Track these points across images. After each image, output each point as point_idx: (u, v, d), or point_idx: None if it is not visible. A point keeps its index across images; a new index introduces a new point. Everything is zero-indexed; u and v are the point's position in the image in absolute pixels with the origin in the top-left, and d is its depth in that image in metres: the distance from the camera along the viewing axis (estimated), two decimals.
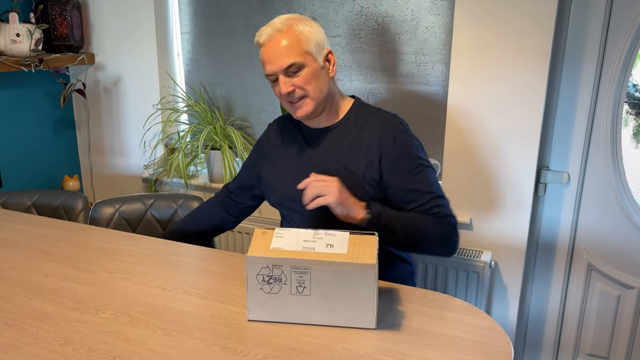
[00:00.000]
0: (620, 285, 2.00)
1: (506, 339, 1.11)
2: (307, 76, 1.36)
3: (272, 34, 1.36)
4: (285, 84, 1.36)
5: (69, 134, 2.71)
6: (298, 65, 1.35)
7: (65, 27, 2.40)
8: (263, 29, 1.38)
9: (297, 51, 1.35)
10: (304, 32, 1.37)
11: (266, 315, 1.15)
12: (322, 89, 1.39)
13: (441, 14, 2.00)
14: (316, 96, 1.39)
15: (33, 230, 1.66)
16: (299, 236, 1.14)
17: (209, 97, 2.53)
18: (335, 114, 1.47)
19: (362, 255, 1.09)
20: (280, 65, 1.35)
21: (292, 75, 1.36)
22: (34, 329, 1.13)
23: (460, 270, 1.97)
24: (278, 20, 1.38)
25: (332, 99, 1.45)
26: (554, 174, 1.99)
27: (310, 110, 1.40)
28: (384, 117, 1.45)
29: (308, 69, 1.36)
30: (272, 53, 1.35)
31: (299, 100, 1.39)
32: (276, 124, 1.60)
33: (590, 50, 1.84)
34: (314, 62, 1.37)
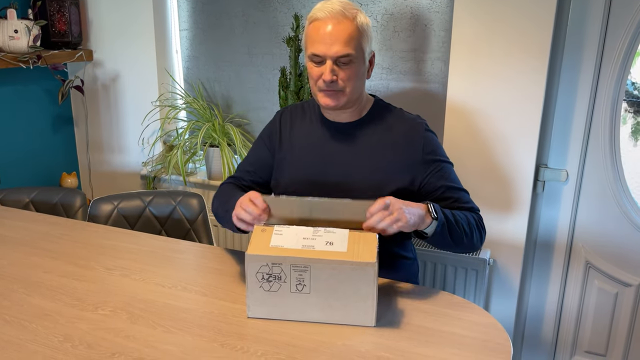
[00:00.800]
0: (618, 282, 2.00)
1: (505, 336, 1.11)
2: (352, 72, 1.33)
3: (336, 15, 1.28)
4: (331, 71, 1.31)
5: (67, 131, 2.71)
6: (351, 58, 1.31)
7: (63, 24, 2.39)
8: (323, 6, 1.30)
9: (355, 44, 1.30)
10: (365, 25, 1.32)
11: (266, 313, 1.15)
12: (358, 89, 1.38)
13: (440, 11, 2.00)
14: (352, 95, 1.36)
15: (31, 227, 1.66)
16: (298, 234, 1.14)
17: (207, 94, 2.53)
18: (358, 111, 1.45)
19: (361, 253, 1.09)
20: (336, 52, 1.29)
21: (339, 65, 1.32)
22: (34, 326, 1.13)
23: (459, 267, 1.97)
24: (339, 4, 1.30)
25: (360, 99, 1.43)
26: (553, 172, 1.99)
27: (340, 105, 1.37)
28: (408, 118, 1.46)
29: (356, 66, 1.33)
30: (329, 35, 1.28)
31: (334, 92, 1.35)
32: (289, 112, 1.54)
33: (589, 48, 1.85)
34: (363, 60, 1.35)
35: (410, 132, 1.42)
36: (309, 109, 1.52)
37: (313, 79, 1.36)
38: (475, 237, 1.35)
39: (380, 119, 1.45)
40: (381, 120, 1.45)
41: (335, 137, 1.46)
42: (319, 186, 1.43)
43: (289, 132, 1.51)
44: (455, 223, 1.29)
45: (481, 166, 1.95)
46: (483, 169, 1.95)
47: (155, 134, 2.54)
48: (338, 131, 1.46)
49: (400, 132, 1.42)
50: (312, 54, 1.33)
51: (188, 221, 1.95)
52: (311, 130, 1.48)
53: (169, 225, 1.96)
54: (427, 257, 2.02)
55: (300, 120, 1.50)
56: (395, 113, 1.47)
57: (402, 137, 1.41)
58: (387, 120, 1.45)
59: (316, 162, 1.45)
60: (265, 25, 2.30)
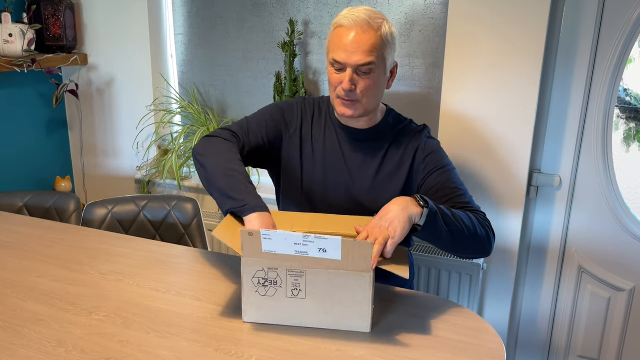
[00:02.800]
0: (610, 287, 2.01)
1: (499, 340, 1.11)
2: (372, 83, 1.31)
3: (361, 24, 1.27)
4: (351, 80, 1.30)
5: (62, 135, 2.70)
6: (372, 67, 1.29)
7: (58, 28, 2.39)
8: (349, 13, 1.29)
9: (377, 54, 1.29)
10: (389, 36, 1.31)
11: (261, 318, 1.15)
12: (377, 100, 1.37)
13: (435, 17, 2.01)
14: (369, 105, 1.36)
15: (25, 232, 1.65)
16: (288, 239, 1.11)
17: (202, 99, 2.53)
18: (371, 120, 1.45)
19: (356, 259, 1.09)
20: (357, 61, 1.28)
21: (359, 75, 1.30)
22: (26, 331, 1.13)
23: (453, 272, 1.98)
24: (365, 12, 1.28)
25: (377, 110, 1.44)
26: (546, 177, 2.00)
27: (358, 114, 1.36)
28: (415, 129, 1.47)
29: (377, 76, 1.32)
30: (353, 43, 1.27)
31: (351, 102, 1.33)
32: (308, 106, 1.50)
33: (582, 54, 1.86)
34: (384, 71, 1.34)
35: (415, 141, 1.45)
36: (325, 108, 1.50)
37: (332, 85, 1.35)
38: (480, 233, 1.27)
39: (391, 129, 1.46)
40: (392, 130, 1.46)
41: (348, 141, 1.46)
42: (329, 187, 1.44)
43: (309, 123, 1.48)
44: (452, 215, 1.23)
45: (475, 171, 1.96)
46: (477, 174, 1.96)
47: (150, 138, 2.54)
48: (351, 136, 1.46)
49: (407, 143, 1.44)
50: (333, 59, 1.32)
51: (182, 226, 1.95)
52: (326, 130, 1.48)
53: (163, 229, 1.96)
54: (422, 262, 2.02)
55: (318, 117, 1.49)
56: (405, 124, 1.49)
57: (409, 148, 1.44)
58: (397, 131, 1.47)
59: (328, 163, 1.46)
60: (261, 30, 2.31)
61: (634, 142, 1.93)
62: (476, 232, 1.27)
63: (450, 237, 1.23)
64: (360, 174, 1.44)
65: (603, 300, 2.03)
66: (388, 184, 1.43)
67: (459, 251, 1.31)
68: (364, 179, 1.43)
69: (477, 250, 1.31)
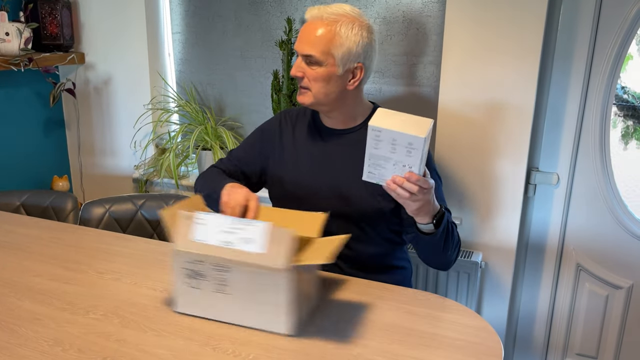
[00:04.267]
0: (608, 285, 2.02)
1: (497, 338, 1.11)
2: (318, 75, 1.36)
3: (314, 18, 1.36)
4: (297, 67, 1.37)
5: (59, 134, 2.69)
6: (315, 60, 1.34)
7: (55, 26, 2.38)
8: (315, 7, 1.38)
9: (322, 48, 1.34)
10: (342, 35, 1.33)
11: (191, 309, 1.15)
12: (327, 94, 1.38)
13: (432, 15, 2.01)
14: (318, 96, 1.38)
15: (22, 231, 1.65)
16: (219, 225, 1.08)
17: (200, 98, 2.53)
18: (352, 119, 1.46)
19: (279, 255, 1.03)
20: (301, 50, 1.36)
21: (308, 64, 1.36)
22: (23, 330, 1.12)
23: (451, 270, 1.98)
24: (331, 9, 1.35)
25: (345, 107, 1.43)
26: (544, 175, 2.00)
27: (308, 103, 1.40)
28: None
29: (323, 70, 1.35)
30: (303, 34, 1.36)
31: (302, 89, 1.40)
32: (288, 115, 1.56)
33: (580, 52, 1.86)
34: (333, 66, 1.35)
35: None
36: (309, 113, 1.54)
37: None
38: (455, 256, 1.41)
39: None
40: None
41: (329, 141, 1.47)
42: (314, 189, 1.44)
43: (289, 133, 1.52)
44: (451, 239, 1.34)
45: (473, 169, 1.96)
46: (475, 172, 1.96)
47: (148, 137, 2.54)
48: (332, 136, 1.47)
49: None
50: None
51: None
52: (310, 134, 1.50)
53: (161, 228, 1.95)
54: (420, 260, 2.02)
55: (301, 124, 1.52)
56: None
57: None
58: None
59: (313, 166, 1.46)
60: (258, 28, 2.31)
61: (631, 140, 1.94)
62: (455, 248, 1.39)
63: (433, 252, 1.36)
64: (346, 174, 1.43)
65: (601, 298, 2.04)
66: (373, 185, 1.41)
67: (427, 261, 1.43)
68: (350, 179, 1.42)
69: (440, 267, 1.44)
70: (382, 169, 1.13)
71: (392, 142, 1.07)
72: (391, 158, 1.10)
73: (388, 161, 1.11)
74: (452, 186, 2.01)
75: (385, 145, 1.08)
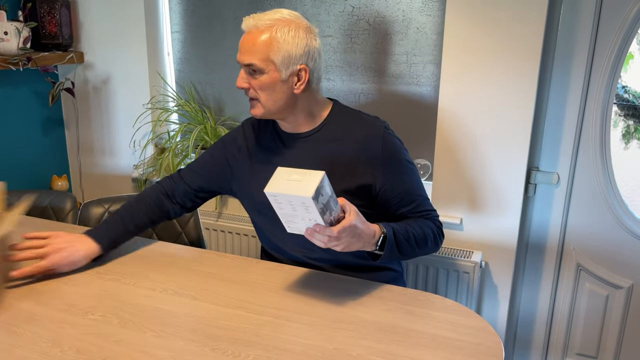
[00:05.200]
0: (608, 285, 2.01)
1: (497, 339, 1.11)
2: (263, 83, 1.34)
3: (250, 27, 1.34)
4: (242, 79, 1.36)
5: (58, 134, 2.69)
6: (256, 68, 1.32)
7: (54, 26, 2.38)
8: (250, 17, 1.36)
9: (261, 55, 1.31)
10: (279, 40, 1.31)
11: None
12: (275, 101, 1.36)
13: (432, 14, 2.01)
14: (267, 105, 1.36)
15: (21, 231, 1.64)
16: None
17: (199, 97, 2.52)
18: (311, 121, 1.43)
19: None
20: (242, 60, 1.34)
21: (251, 74, 1.35)
22: (21, 331, 1.12)
23: (451, 270, 1.97)
24: (266, 15, 1.34)
25: (297, 111, 1.41)
26: (544, 175, 2.00)
27: (260, 114, 1.38)
28: (366, 120, 1.44)
29: (266, 77, 1.33)
30: (242, 45, 1.34)
31: (252, 100, 1.38)
32: (252, 124, 1.54)
33: (580, 51, 1.86)
34: (275, 72, 1.33)
35: (369, 133, 1.40)
36: (270, 121, 1.51)
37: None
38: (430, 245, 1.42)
39: (338, 124, 1.43)
40: (339, 125, 1.43)
41: (291, 147, 1.45)
42: None
43: (253, 141, 1.51)
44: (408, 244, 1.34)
45: (473, 169, 1.96)
46: (475, 171, 1.96)
47: (147, 137, 2.53)
48: (294, 141, 1.45)
49: (359, 134, 1.40)
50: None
51: (179, 224, 1.94)
52: (271, 142, 1.48)
53: (160, 228, 1.95)
54: (419, 260, 2.02)
55: (263, 133, 1.51)
56: (353, 116, 1.45)
57: (361, 139, 1.40)
58: (345, 124, 1.43)
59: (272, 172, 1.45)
60: None
61: (632, 140, 1.93)
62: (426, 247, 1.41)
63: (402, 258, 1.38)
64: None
65: (601, 298, 2.03)
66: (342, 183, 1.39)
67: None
68: None
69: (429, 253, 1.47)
70: (295, 223, 1.18)
71: (290, 203, 1.13)
72: (296, 214, 1.15)
73: (296, 217, 1.16)
74: (452, 186, 2.00)
75: (286, 206, 1.15)
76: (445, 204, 2.03)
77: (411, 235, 1.35)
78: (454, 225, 2.04)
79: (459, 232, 2.04)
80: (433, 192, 2.03)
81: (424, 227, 1.40)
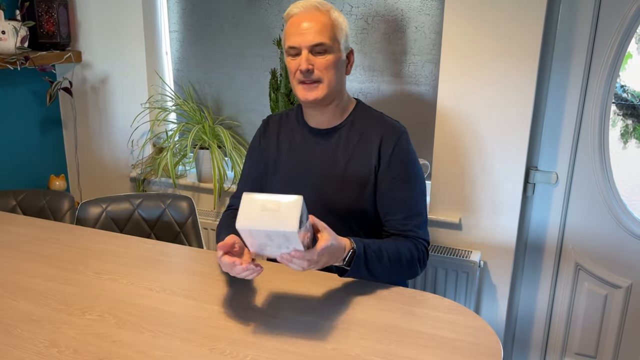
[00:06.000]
0: (607, 284, 2.01)
1: (495, 338, 1.11)
2: (329, 62, 1.35)
3: (309, 9, 1.35)
4: (307, 60, 1.34)
5: (56, 133, 2.68)
6: (326, 47, 1.34)
7: (51, 25, 2.37)
8: (298, 3, 1.37)
9: (329, 34, 1.34)
10: (340, 20, 1.38)
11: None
12: (337, 81, 1.39)
13: (431, 14, 2.00)
14: (330, 85, 1.37)
15: (18, 231, 1.64)
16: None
17: (197, 96, 2.52)
18: (340, 113, 1.45)
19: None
20: (310, 41, 1.33)
21: (315, 55, 1.35)
22: (19, 331, 1.11)
23: (450, 270, 1.97)
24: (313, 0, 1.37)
25: (342, 96, 1.44)
26: (543, 174, 2.00)
27: (321, 96, 1.37)
28: (388, 121, 1.46)
29: (332, 56, 1.36)
30: (304, 27, 1.34)
31: (313, 83, 1.37)
32: (271, 121, 1.56)
33: (579, 51, 1.86)
34: (339, 52, 1.38)
35: (388, 132, 1.42)
36: (293, 115, 1.53)
37: (292, 73, 1.39)
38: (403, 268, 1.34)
39: (360, 123, 1.45)
40: (361, 124, 1.45)
41: (316, 143, 1.47)
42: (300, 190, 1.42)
43: (274, 139, 1.52)
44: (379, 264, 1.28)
45: (472, 168, 1.96)
46: (473, 171, 1.96)
47: (145, 136, 2.53)
48: (319, 136, 1.47)
49: (376, 135, 1.42)
50: (288, 47, 1.37)
51: (177, 224, 1.94)
52: (294, 136, 1.50)
53: (158, 228, 1.94)
54: None
55: (284, 127, 1.52)
56: (376, 116, 1.47)
57: (378, 140, 1.41)
58: (367, 123, 1.45)
59: (299, 167, 1.46)
60: (256, 27, 2.30)
61: (631, 139, 1.93)
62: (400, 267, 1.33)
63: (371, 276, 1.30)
64: (329, 174, 1.43)
65: (600, 297, 2.03)
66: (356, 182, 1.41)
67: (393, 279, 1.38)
68: (333, 180, 1.42)
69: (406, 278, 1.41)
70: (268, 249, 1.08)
71: (267, 236, 1.03)
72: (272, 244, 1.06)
73: (271, 246, 1.07)
74: (451, 185, 2.00)
75: (261, 238, 1.04)
76: (444, 203, 2.03)
77: (384, 253, 1.30)
78: (452, 225, 2.03)
79: (458, 232, 2.04)
80: (432, 192, 2.03)
81: (401, 246, 1.35)
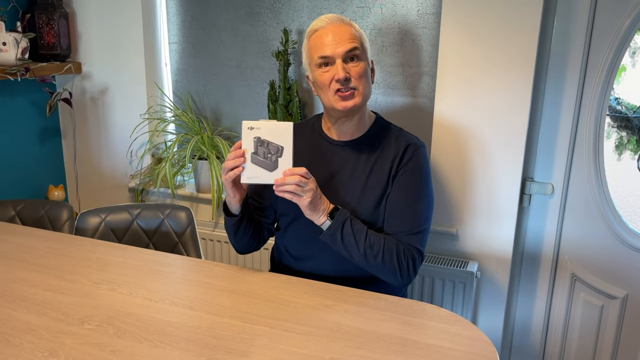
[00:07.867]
0: (603, 295, 2.02)
1: (492, 349, 1.12)
2: (362, 69, 1.38)
3: (335, 21, 1.38)
4: (344, 68, 1.35)
5: (55, 143, 2.69)
6: (358, 53, 1.36)
7: (52, 36, 2.39)
8: (321, 18, 1.39)
9: (359, 42, 1.38)
10: (362, 32, 1.42)
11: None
12: (369, 89, 1.42)
13: (428, 27, 2.03)
14: (365, 93, 1.40)
15: (17, 241, 1.64)
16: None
17: (196, 107, 2.53)
18: (362, 126, 1.47)
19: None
20: (344, 48, 1.35)
21: (348, 62, 1.36)
22: (18, 341, 1.12)
23: (447, 280, 1.98)
24: (334, 15, 1.40)
25: (365, 107, 1.47)
26: (539, 185, 2.01)
27: (359, 103, 1.38)
28: (408, 135, 1.49)
29: (364, 64, 1.39)
30: (334, 36, 1.35)
31: (350, 91, 1.37)
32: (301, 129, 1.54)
33: (573, 63, 1.88)
34: (367, 60, 1.41)
35: (406, 143, 1.45)
36: (309, 126, 1.54)
37: (326, 85, 1.38)
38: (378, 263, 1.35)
39: (381, 137, 1.47)
40: (382, 138, 1.47)
41: (336, 155, 1.47)
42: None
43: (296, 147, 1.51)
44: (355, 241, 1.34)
45: (468, 179, 1.97)
46: (470, 182, 1.97)
47: (144, 147, 2.54)
48: (340, 148, 1.48)
49: (396, 150, 1.44)
50: (320, 57, 1.37)
51: (176, 234, 1.95)
52: (313, 147, 1.50)
53: (156, 238, 1.95)
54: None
55: (301, 138, 1.50)
56: (396, 132, 1.50)
57: (397, 154, 1.44)
58: (386, 139, 1.47)
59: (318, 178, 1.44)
60: (255, 39, 2.32)
61: (625, 151, 1.95)
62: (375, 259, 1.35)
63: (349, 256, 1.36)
64: (349, 186, 1.44)
65: (596, 308, 2.04)
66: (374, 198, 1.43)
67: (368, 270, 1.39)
68: (353, 191, 1.44)
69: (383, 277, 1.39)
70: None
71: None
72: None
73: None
74: (448, 196, 2.02)
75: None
76: (441, 214, 2.04)
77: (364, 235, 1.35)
78: (449, 235, 2.05)
79: (455, 242, 2.05)
80: None
81: (389, 243, 1.36)
